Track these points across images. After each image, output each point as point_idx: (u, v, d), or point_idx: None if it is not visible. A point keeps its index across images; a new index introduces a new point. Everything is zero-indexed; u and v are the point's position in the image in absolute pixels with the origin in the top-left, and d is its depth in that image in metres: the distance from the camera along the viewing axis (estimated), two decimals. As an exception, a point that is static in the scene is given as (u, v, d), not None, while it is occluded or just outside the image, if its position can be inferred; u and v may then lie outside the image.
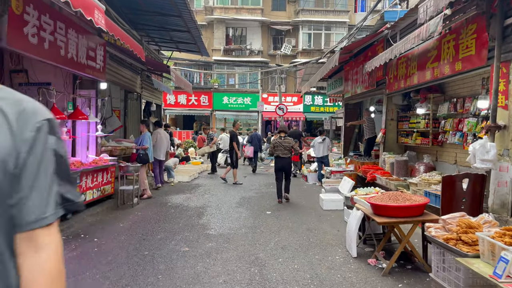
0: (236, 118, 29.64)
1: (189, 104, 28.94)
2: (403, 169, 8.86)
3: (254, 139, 17.47)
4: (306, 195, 10.67)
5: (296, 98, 29.06)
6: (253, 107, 28.69)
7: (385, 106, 10.09)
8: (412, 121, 9.30)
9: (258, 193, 10.86)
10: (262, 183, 12.74)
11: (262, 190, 11.42)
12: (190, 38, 12.74)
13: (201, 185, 12.11)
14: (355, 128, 14.37)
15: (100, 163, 7.98)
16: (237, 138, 12.68)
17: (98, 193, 8.02)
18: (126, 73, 11.19)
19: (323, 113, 28.87)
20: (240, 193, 10.69)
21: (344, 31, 30.14)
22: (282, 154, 9.50)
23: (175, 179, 12.64)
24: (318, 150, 12.51)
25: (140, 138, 9.81)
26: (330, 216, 8.08)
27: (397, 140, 10.11)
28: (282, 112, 25.01)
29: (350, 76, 13.22)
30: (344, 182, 8.99)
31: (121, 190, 8.66)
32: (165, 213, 8.08)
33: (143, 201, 9.29)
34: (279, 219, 7.76)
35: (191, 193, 10.61)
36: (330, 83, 16.47)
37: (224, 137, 18.51)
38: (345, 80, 13.84)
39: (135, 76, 11.92)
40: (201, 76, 30.30)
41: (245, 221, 7.53)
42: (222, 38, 30.66)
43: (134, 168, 8.74)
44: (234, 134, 12.56)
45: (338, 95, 17.48)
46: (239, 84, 29.97)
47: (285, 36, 30.98)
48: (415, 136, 8.98)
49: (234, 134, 12.56)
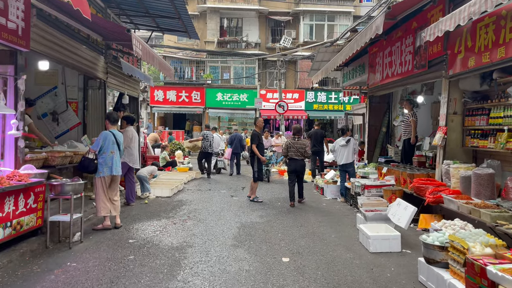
0: (231, 116, 26.41)
1: (179, 101, 25.63)
2: (487, 187, 5.68)
3: (235, 140, 14.78)
4: (330, 220, 7.45)
5: (298, 94, 25.86)
6: (250, 104, 25.46)
7: (446, 94, 6.90)
8: (495, 115, 6.13)
9: (263, 215, 7.63)
10: (267, 196, 9.52)
11: (268, 209, 8.20)
12: (172, 11, 9.47)
13: (185, 203, 8.84)
14: (381, 127, 11.18)
15: (7, 182, 4.70)
16: (258, 139, 9.23)
17: (7, 230, 4.75)
18: (83, 52, 7.91)
19: (327, 111, 25.70)
20: (238, 216, 7.46)
21: (348, 22, 26.99)
22: (295, 156, 8.91)
23: (151, 193, 9.37)
24: (341, 156, 9.30)
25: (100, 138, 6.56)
26: (387, 266, 4.87)
27: (464, 142, 6.94)
28: (283, 110, 21.86)
29: (379, 60, 10.05)
30: (398, 208, 5.78)
31: (52, 221, 5.40)
32: (118, 264, 4.81)
33: (92, 236, 6.03)
34: (305, 275, 4.54)
35: (168, 218, 7.35)
36: (346, 72, 13.28)
37: (216, 138, 15.28)
38: (370, 66, 10.67)
39: (97, 56, 8.63)
40: (192, 70, 26.98)
41: (249, 281, 4.30)
42: (216, 29, 27.40)
43: (73, 187, 5.46)
44: (256, 134, 9.25)
45: (354, 87, 14.32)
46: (235, 79, 26.67)
47: (285, 27, 27.78)
48: (506, 137, 5.79)
49: (256, 134, 9.25)
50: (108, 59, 9.00)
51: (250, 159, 9.33)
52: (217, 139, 14.96)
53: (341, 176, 9.47)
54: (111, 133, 6.68)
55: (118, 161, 6.70)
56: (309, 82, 27.14)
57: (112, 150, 6.63)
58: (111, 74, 9.29)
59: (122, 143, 6.84)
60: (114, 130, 6.72)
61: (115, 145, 6.67)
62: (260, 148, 9.17)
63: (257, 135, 9.25)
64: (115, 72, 9.57)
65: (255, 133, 9.29)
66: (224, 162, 14.86)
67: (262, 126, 9.77)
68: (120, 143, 6.76)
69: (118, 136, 6.73)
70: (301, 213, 7.96)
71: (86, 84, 9.15)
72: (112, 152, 6.63)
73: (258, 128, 9.48)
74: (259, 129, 9.47)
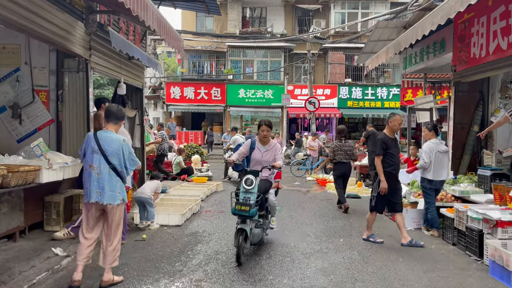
0: (255, 115, 23.38)
1: (197, 98, 22.73)
2: None
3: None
4: (444, 278, 4.30)
5: (329, 90, 22.59)
6: (276, 101, 22.36)
7: None
8: None
9: (328, 270, 4.50)
10: (317, 225, 6.43)
11: (330, 255, 5.10)
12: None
13: (202, 238, 5.80)
14: (472, 125, 7.92)
15: None
16: (386, 146, 5.60)
17: None
18: (51, 14, 5.01)
19: (363, 108, 22.37)
20: (287, 272, 4.41)
21: (385, 9, 23.59)
22: (344, 159, 8.13)
23: (155, 222, 6.39)
24: (441, 166, 6.08)
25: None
26: None
27: None
28: (314, 107, 18.69)
29: (479, 29, 6.84)
30: None
31: None
32: None
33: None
34: None
35: (173, 276, 4.32)
36: (408, 56, 10.06)
37: (239, 139, 12.23)
38: (460, 40, 7.45)
39: (73, 22, 5.68)
40: (212, 65, 24.06)
41: None
42: (237, 20, 24.42)
43: None
44: (383, 140, 5.65)
45: (417, 75, 11.11)
46: (259, 74, 23.61)
47: (313, 17, 24.57)
48: None
49: (383, 140, 5.65)
50: (90, 28, 6.04)
51: (373, 179, 5.94)
52: (240, 141, 11.94)
53: (430, 196, 6.23)
54: (92, 136, 4.00)
55: (104, 181, 3.94)
56: (341, 76, 23.85)
57: (91, 163, 3.96)
58: (96, 51, 6.33)
59: (118, 152, 4.02)
60: (108, 132, 4.07)
61: (97, 156, 3.96)
62: (390, 161, 5.60)
63: (384, 141, 5.59)
64: (104, 49, 6.62)
65: (383, 137, 5.66)
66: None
67: (399, 127, 5.84)
68: (111, 152, 3.98)
69: (105, 141, 3.98)
70: (385, 262, 4.84)
71: (60, 65, 6.26)
72: (91, 166, 3.96)
73: (391, 130, 5.74)
74: (391, 132, 5.76)
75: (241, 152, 5.42)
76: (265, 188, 5.16)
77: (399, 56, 10.57)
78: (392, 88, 22.24)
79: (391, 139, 5.71)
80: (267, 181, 5.31)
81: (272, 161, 5.26)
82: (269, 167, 5.13)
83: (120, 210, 4.14)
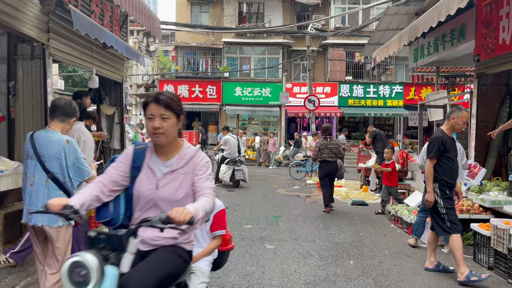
0: (252, 114, 22.35)
1: (192, 96, 21.64)
2: None
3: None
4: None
5: (329, 88, 21.54)
6: (274, 100, 21.28)
7: None
8: None
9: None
10: (320, 242, 5.35)
11: (338, 284, 4.07)
12: None
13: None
14: (497, 123, 6.86)
15: None
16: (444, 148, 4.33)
17: None
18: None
19: (364, 107, 21.31)
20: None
21: (386, 4, 22.54)
22: (329, 158, 7.75)
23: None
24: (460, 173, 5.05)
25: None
26: None
27: None
28: (313, 106, 17.59)
29: (507, 11, 5.80)
30: None
31: None
32: None
33: None
34: None
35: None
36: (419, 46, 9.01)
37: (230, 139, 11.12)
38: (485, 25, 6.40)
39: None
40: (207, 62, 22.99)
41: None
42: (234, 15, 23.32)
43: None
44: (442, 138, 4.34)
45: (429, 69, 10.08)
46: (256, 71, 22.53)
47: (313, 12, 23.50)
48: None
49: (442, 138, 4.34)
50: (48, 5, 4.96)
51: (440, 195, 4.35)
52: (233, 142, 10.83)
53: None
54: (29, 137, 3.06)
55: (38, 194, 3.00)
56: (342, 73, 22.77)
57: (26, 171, 3.06)
58: (57, 34, 5.25)
59: (58, 157, 3.05)
60: (48, 131, 3.12)
61: (31, 162, 3.03)
62: (447, 167, 4.34)
63: (443, 141, 4.32)
64: (67, 33, 5.53)
65: (441, 136, 4.36)
66: (244, 172, 10.68)
67: (463, 127, 4.59)
68: (49, 157, 3.03)
69: (42, 143, 3.03)
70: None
71: (13, 51, 5.18)
72: (26, 175, 3.06)
73: (452, 128, 4.45)
74: (452, 131, 4.47)
75: (105, 180, 2.11)
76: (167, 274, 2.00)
77: (409, 48, 9.53)
78: (395, 86, 21.17)
79: (451, 140, 4.45)
80: (173, 254, 2.07)
81: (186, 199, 2.08)
82: (174, 226, 1.79)
83: (64, 235, 3.10)
